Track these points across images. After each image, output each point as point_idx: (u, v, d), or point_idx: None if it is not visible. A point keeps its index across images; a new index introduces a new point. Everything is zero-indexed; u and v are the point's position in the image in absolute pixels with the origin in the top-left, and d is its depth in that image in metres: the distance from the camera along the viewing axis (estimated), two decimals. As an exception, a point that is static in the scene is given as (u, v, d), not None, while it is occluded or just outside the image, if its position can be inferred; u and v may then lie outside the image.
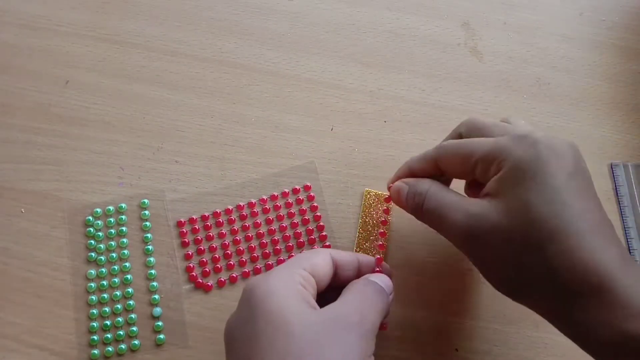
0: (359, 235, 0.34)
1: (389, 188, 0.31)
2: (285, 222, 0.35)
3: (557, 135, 0.26)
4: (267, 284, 0.25)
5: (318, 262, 0.27)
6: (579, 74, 0.40)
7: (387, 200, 0.34)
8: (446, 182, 0.31)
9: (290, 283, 0.25)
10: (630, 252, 0.36)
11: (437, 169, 0.29)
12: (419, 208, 0.29)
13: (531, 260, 0.24)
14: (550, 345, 0.33)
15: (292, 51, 0.39)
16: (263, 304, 0.24)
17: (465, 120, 0.29)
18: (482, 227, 0.25)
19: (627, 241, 0.36)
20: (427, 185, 0.29)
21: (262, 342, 0.23)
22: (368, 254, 0.33)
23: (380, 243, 0.34)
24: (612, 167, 0.38)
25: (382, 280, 0.28)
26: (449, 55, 0.40)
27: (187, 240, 0.34)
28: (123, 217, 0.34)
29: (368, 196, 0.35)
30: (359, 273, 0.29)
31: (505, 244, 0.24)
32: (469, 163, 0.27)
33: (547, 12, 0.42)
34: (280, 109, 0.38)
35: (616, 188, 0.37)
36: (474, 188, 0.30)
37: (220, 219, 0.34)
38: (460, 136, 0.29)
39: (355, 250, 0.34)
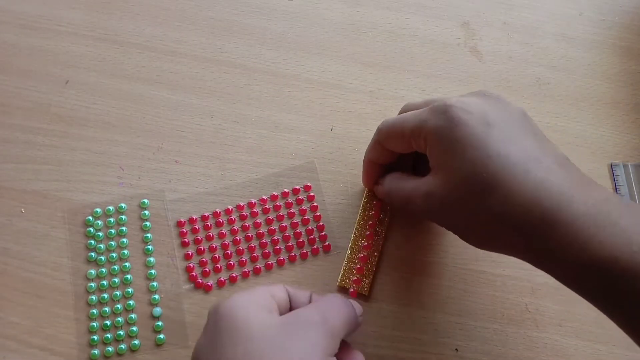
0: (355, 232, 0.34)
1: (363, 184, 0.34)
2: (285, 222, 0.35)
3: (482, 90, 0.27)
4: (230, 300, 0.25)
5: (276, 291, 0.27)
6: (579, 74, 0.40)
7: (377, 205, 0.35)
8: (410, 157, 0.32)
9: (253, 297, 0.26)
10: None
11: (384, 151, 0.30)
12: (392, 203, 0.31)
13: (481, 215, 0.25)
14: (550, 345, 0.33)
15: (292, 51, 0.39)
16: (226, 316, 0.25)
17: (403, 106, 0.31)
18: (434, 203, 0.27)
19: (627, 241, 0.36)
20: (387, 182, 0.31)
21: (225, 349, 0.23)
22: (361, 250, 0.33)
23: (368, 233, 0.34)
24: (612, 167, 0.38)
25: (350, 300, 0.28)
26: (448, 55, 0.40)
27: (187, 240, 0.34)
28: (123, 217, 0.34)
29: (368, 194, 0.35)
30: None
31: (456, 210, 0.26)
32: (405, 140, 0.28)
33: (547, 12, 0.42)
34: (280, 109, 0.37)
35: (616, 188, 0.37)
36: None
37: (220, 219, 0.34)
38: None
39: (350, 248, 0.34)
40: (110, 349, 0.31)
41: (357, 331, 0.29)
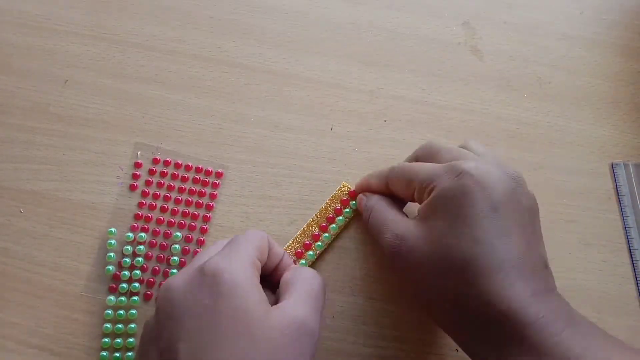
0: (310, 221, 0.34)
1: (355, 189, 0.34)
2: (285, 222, 0.35)
3: (499, 163, 0.27)
4: (232, 273, 0.24)
5: (263, 246, 0.27)
6: (580, 73, 0.40)
7: (352, 194, 0.35)
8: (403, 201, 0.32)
9: (249, 272, 0.25)
10: (630, 252, 0.36)
11: (387, 188, 0.31)
12: (366, 221, 0.31)
13: (443, 286, 0.25)
14: (550, 345, 0.33)
15: (292, 50, 0.39)
16: (229, 296, 0.24)
17: (424, 144, 0.31)
18: (403, 247, 0.26)
19: (628, 241, 0.36)
20: (374, 201, 0.31)
21: (226, 336, 0.23)
22: (307, 239, 0.33)
23: (324, 224, 0.34)
24: (612, 167, 0.38)
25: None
26: (449, 55, 0.40)
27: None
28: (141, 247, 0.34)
29: (342, 188, 0.35)
30: (280, 264, 0.29)
31: (420, 266, 0.26)
32: (411, 187, 0.28)
33: (548, 11, 0.42)
34: (279, 109, 0.37)
35: (617, 187, 0.37)
36: None
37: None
38: (416, 159, 0.31)
39: (299, 234, 0.34)
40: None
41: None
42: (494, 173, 0.26)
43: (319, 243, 0.34)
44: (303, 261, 0.33)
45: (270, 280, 0.29)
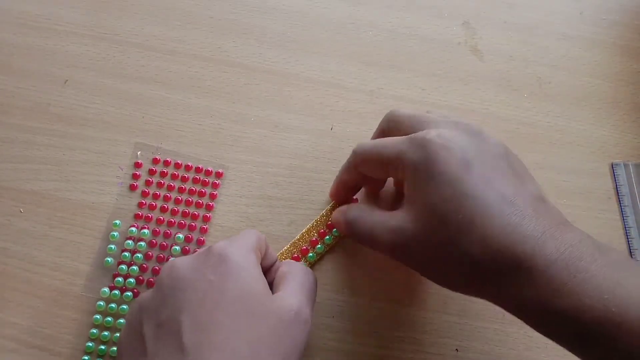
0: (310, 226, 0.34)
1: (331, 196, 0.34)
2: (285, 222, 0.35)
3: (459, 122, 0.26)
4: (238, 256, 0.25)
5: (262, 244, 0.28)
6: (580, 73, 0.40)
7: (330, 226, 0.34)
8: (380, 184, 0.32)
9: (253, 258, 0.26)
10: (630, 252, 0.36)
11: (360, 175, 0.30)
12: (354, 236, 0.30)
13: (451, 256, 0.24)
14: (550, 345, 0.33)
15: (292, 50, 0.39)
16: (234, 277, 0.24)
17: (387, 114, 0.30)
18: (403, 239, 0.26)
19: (628, 241, 0.36)
20: (354, 212, 0.30)
21: (228, 313, 0.23)
22: (305, 244, 0.34)
23: (322, 231, 0.34)
24: (612, 167, 0.38)
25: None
26: (449, 55, 0.40)
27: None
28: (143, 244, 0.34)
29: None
30: (273, 267, 0.30)
31: (426, 249, 0.25)
32: (383, 167, 0.28)
33: (548, 11, 0.42)
34: (279, 109, 0.37)
35: (617, 187, 0.37)
36: None
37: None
38: (382, 133, 0.30)
39: (297, 239, 0.33)
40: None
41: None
42: (456, 135, 0.25)
43: (319, 245, 0.33)
44: (302, 263, 0.33)
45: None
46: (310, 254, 0.33)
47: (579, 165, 0.38)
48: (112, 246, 0.33)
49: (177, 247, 0.33)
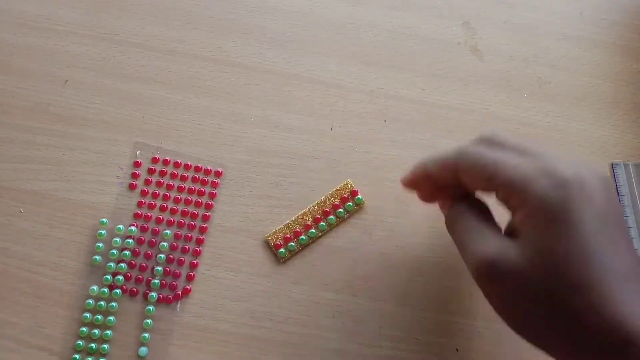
0: (306, 210, 0.34)
1: (402, 182, 0.31)
2: (285, 222, 0.35)
3: (584, 163, 0.24)
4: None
5: None
6: (580, 73, 0.40)
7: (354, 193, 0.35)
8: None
9: None
10: (630, 252, 0.35)
11: (453, 177, 0.27)
12: (450, 230, 0.28)
13: (554, 311, 0.22)
14: (550, 345, 0.33)
15: (292, 50, 0.39)
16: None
17: (488, 131, 0.27)
18: (502, 267, 0.23)
19: (628, 241, 0.36)
20: (460, 210, 0.27)
21: None
22: (299, 227, 0.34)
23: (318, 216, 0.34)
24: (612, 167, 0.38)
25: None
26: (449, 54, 0.40)
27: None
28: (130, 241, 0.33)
29: (345, 185, 0.35)
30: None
31: (526, 289, 0.23)
32: (491, 184, 0.25)
33: (548, 11, 0.42)
34: (279, 109, 0.37)
35: (617, 188, 0.37)
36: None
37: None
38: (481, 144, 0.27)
39: (292, 221, 0.34)
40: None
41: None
42: (592, 177, 0.23)
43: (312, 230, 0.34)
44: (292, 243, 0.34)
45: None
46: (302, 237, 0.34)
47: (579, 165, 0.38)
48: (100, 244, 0.33)
49: (165, 244, 0.33)
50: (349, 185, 0.35)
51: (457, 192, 0.28)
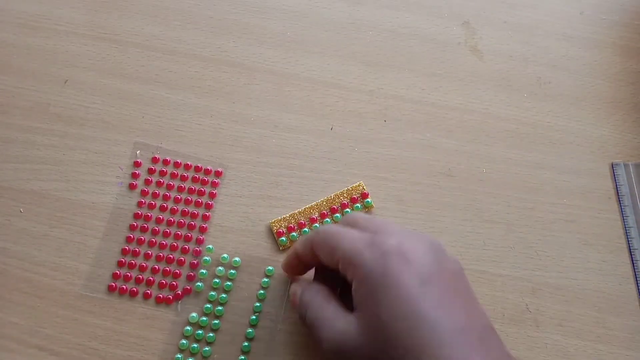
0: (314, 204, 0.35)
1: (282, 268, 0.32)
2: (285, 222, 0.35)
3: (416, 235, 0.26)
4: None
5: None
6: (580, 73, 0.40)
7: (364, 195, 0.34)
8: None
9: None
10: (630, 252, 0.36)
11: (313, 253, 0.28)
12: (303, 318, 0.28)
13: None
14: (550, 345, 0.33)
15: (292, 50, 0.39)
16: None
17: (351, 214, 0.29)
18: (346, 349, 0.24)
19: (628, 241, 0.36)
20: (310, 296, 0.28)
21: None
22: (303, 218, 0.34)
23: (324, 212, 0.34)
24: (612, 167, 0.38)
25: None
26: (449, 54, 0.40)
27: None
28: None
29: (357, 187, 0.35)
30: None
31: None
32: (334, 257, 0.26)
33: (548, 11, 0.42)
34: (279, 108, 0.37)
35: (617, 187, 0.37)
36: None
37: (219, 219, 0.34)
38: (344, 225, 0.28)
39: (298, 212, 0.34)
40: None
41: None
42: (417, 247, 0.25)
43: (316, 224, 0.34)
44: (294, 233, 0.34)
45: None
46: (305, 229, 0.34)
47: (579, 165, 0.38)
48: (204, 271, 0.33)
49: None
50: (361, 187, 0.35)
51: (318, 269, 0.30)
